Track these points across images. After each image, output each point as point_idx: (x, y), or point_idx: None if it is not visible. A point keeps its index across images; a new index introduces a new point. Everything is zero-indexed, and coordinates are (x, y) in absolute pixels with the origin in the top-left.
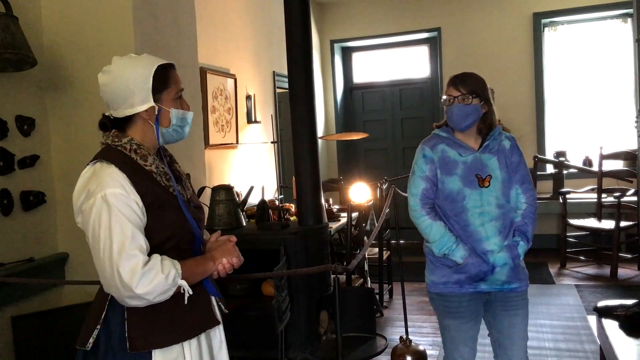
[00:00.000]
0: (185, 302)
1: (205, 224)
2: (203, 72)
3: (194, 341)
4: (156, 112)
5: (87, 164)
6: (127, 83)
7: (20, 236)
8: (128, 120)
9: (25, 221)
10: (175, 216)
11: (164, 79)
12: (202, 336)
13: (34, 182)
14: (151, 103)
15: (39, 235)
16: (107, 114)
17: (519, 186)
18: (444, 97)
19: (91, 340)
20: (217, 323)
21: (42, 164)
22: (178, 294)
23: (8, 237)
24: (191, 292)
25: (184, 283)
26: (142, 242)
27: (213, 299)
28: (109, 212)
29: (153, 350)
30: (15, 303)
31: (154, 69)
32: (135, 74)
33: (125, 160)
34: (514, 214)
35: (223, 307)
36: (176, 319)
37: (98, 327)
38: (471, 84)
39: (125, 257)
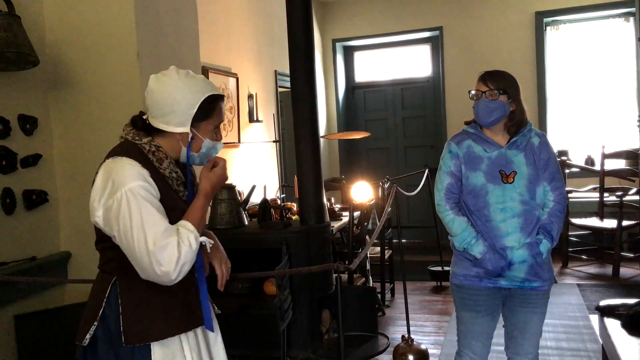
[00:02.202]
0: (208, 250)
1: (207, 223)
2: (205, 71)
3: (191, 334)
4: (189, 139)
5: (105, 159)
6: (172, 102)
7: (22, 235)
8: (160, 130)
9: (28, 220)
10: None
11: (208, 111)
12: (199, 330)
13: (37, 181)
14: (187, 129)
15: (42, 234)
16: (144, 116)
17: (548, 184)
18: (472, 91)
19: (88, 336)
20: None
21: (45, 163)
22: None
23: (10, 236)
24: (212, 243)
25: (204, 239)
26: (169, 224)
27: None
28: (138, 205)
29: (152, 344)
30: (18, 302)
31: (203, 98)
32: (184, 97)
33: (143, 157)
34: (541, 211)
35: (215, 308)
36: (172, 312)
37: (95, 323)
38: (500, 81)
39: (161, 248)
